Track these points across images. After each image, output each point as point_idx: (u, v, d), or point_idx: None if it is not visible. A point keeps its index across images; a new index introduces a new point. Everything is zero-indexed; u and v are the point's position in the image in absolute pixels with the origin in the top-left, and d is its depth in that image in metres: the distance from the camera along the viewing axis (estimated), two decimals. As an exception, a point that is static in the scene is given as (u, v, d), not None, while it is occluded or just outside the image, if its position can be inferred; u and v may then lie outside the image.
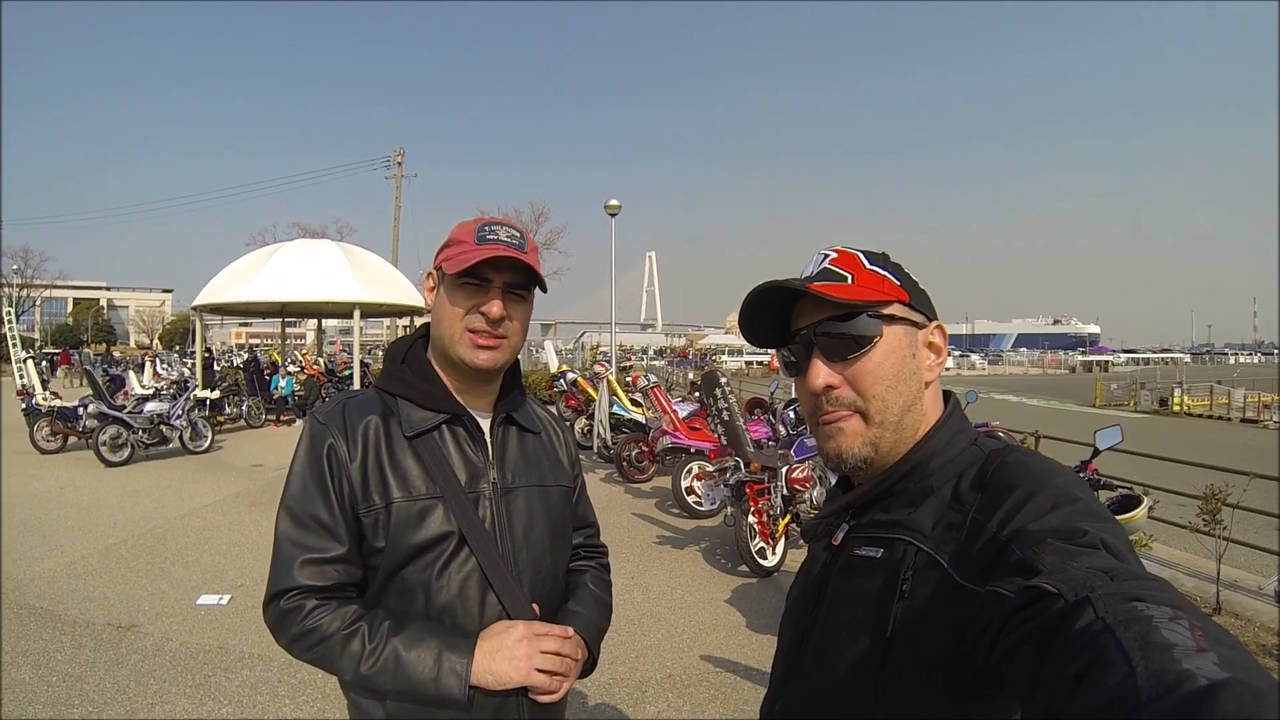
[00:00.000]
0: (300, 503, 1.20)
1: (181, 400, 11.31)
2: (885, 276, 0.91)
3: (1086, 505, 0.73)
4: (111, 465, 9.90)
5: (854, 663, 0.83)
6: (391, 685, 1.13)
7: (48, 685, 3.69)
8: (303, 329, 44.72)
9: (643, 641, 4.40)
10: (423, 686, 1.11)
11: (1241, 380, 26.57)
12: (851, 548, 0.91)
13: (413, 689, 1.12)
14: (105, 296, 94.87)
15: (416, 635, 1.15)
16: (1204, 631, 0.50)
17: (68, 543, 6.29)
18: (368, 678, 1.13)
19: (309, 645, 1.16)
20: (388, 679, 1.12)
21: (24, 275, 56.44)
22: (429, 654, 1.13)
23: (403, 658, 1.12)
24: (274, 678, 3.77)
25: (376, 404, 1.28)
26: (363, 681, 1.14)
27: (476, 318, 1.22)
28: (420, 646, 1.13)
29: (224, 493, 8.39)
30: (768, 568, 5.63)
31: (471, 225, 1.26)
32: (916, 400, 0.90)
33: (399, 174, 31.21)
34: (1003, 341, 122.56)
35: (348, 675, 1.15)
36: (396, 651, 1.13)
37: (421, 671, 1.11)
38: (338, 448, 1.21)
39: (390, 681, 1.12)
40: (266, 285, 14.54)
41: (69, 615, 4.62)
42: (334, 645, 1.14)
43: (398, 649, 1.13)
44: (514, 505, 1.29)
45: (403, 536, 1.19)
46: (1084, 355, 73.87)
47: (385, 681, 1.13)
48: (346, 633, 1.14)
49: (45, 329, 71.62)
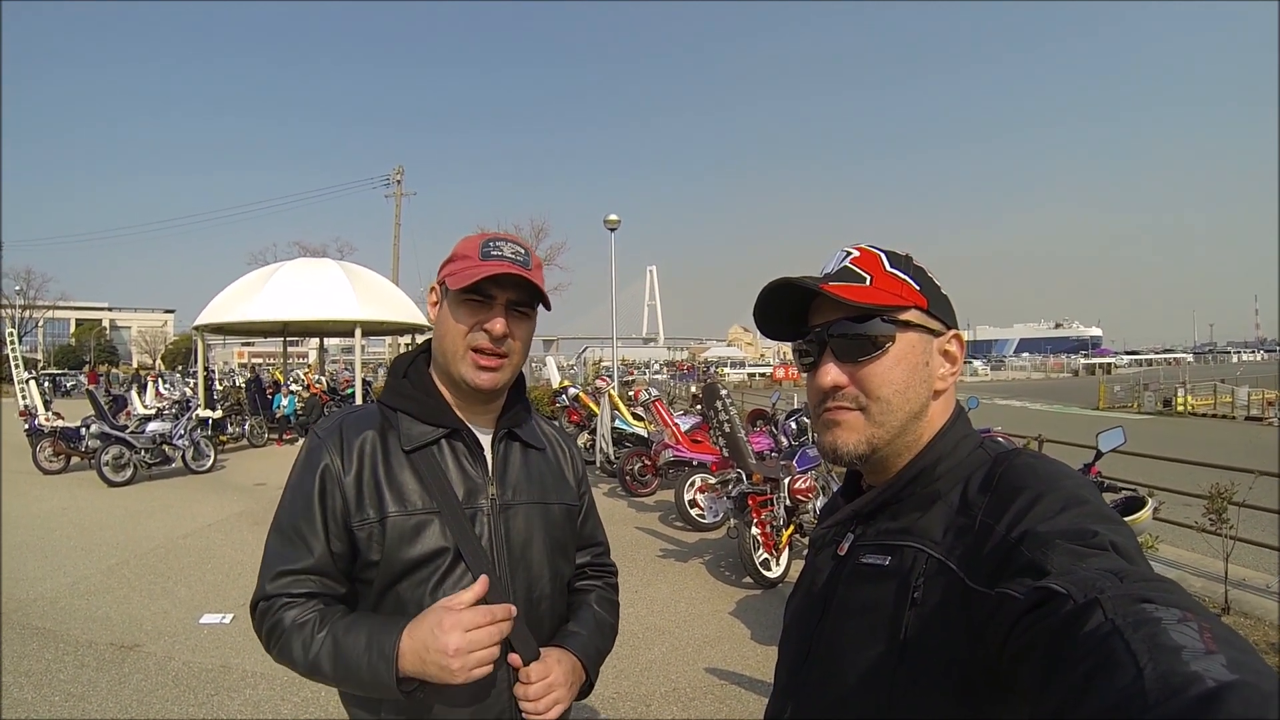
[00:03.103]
0: (287, 515, 1.22)
1: (184, 420, 11.31)
2: (904, 280, 0.90)
3: (1095, 507, 0.73)
4: (114, 485, 9.91)
5: (866, 670, 0.82)
6: (333, 672, 1.12)
7: (50, 705, 3.68)
8: (305, 348, 44.80)
9: (647, 655, 4.38)
10: (358, 671, 1.10)
11: (1245, 378, 26.55)
12: (858, 556, 0.90)
13: (350, 675, 1.11)
14: (108, 317, 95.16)
15: (353, 622, 1.15)
16: (1213, 633, 0.49)
17: (70, 563, 6.28)
18: (314, 665, 1.13)
19: (273, 641, 1.18)
20: (329, 665, 1.12)
21: (26, 296, 56.72)
22: (361, 638, 1.12)
23: (340, 642, 1.12)
24: (277, 697, 3.75)
25: (376, 418, 1.27)
26: (312, 670, 1.14)
27: (479, 335, 1.22)
28: (354, 632, 1.13)
29: (226, 512, 8.38)
30: (772, 579, 5.62)
31: (476, 240, 1.25)
32: (924, 408, 0.90)
33: (398, 192, 31.36)
34: (1005, 347, 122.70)
35: (300, 668, 1.15)
36: (335, 637, 1.13)
37: (355, 656, 1.10)
38: (332, 462, 1.21)
39: (331, 668, 1.12)
40: (268, 305, 14.58)
41: (71, 635, 4.60)
42: (290, 635, 1.15)
43: (336, 635, 1.13)
44: (512, 522, 1.28)
45: (398, 551, 1.18)
46: (1086, 358, 73.90)
47: (327, 668, 1.12)
48: (300, 623, 1.15)
49: (48, 350, 71.82)
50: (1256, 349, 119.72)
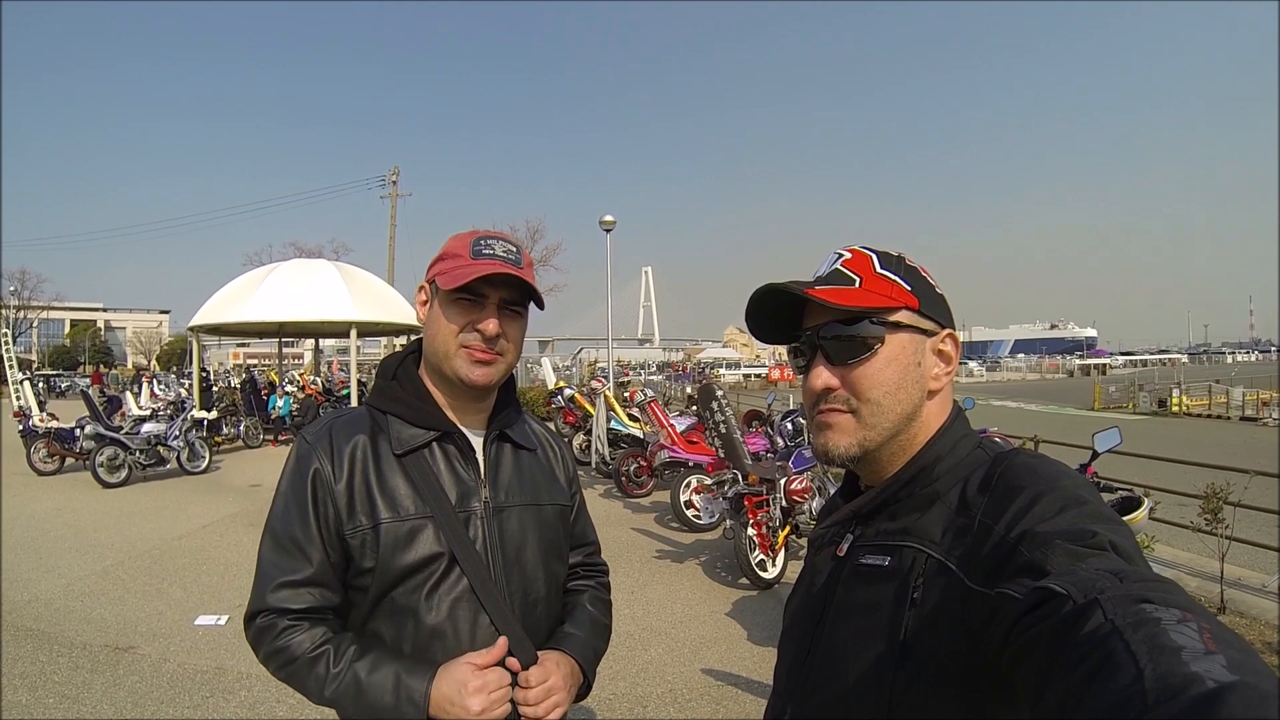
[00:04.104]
0: (282, 524, 1.19)
1: (179, 421, 11.28)
2: (895, 282, 0.90)
3: (1095, 507, 0.73)
4: (109, 486, 9.88)
5: (866, 671, 0.82)
6: (354, 711, 1.11)
7: (45, 707, 3.66)
8: (300, 349, 44.68)
9: (643, 656, 4.38)
10: (383, 713, 1.10)
11: (1240, 378, 26.62)
12: (857, 557, 0.90)
13: (374, 715, 1.10)
14: (102, 318, 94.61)
15: (377, 661, 1.13)
16: (1213, 634, 0.49)
17: (65, 564, 6.26)
18: (332, 701, 1.12)
19: (280, 665, 1.16)
20: (349, 703, 1.11)
21: (21, 297, 56.59)
22: (388, 680, 1.11)
23: (363, 683, 1.11)
24: (272, 698, 3.74)
25: (366, 422, 1.26)
26: (328, 705, 1.13)
27: (471, 334, 1.21)
28: (380, 671, 1.12)
29: (222, 513, 8.36)
30: (768, 580, 5.62)
31: (466, 238, 1.24)
32: (918, 408, 0.90)
33: (394, 193, 31.40)
34: (1000, 348, 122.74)
35: (314, 699, 1.14)
36: (357, 676, 1.11)
37: (381, 698, 1.10)
38: (322, 469, 1.19)
39: (352, 707, 1.11)
40: (263, 305, 14.53)
41: (66, 637, 4.59)
42: (301, 667, 1.13)
43: (359, 674, 1.11)
44: (506, 524, 1.27)
45: (392, 557, 1.17)
46: (1082, 359, 74.03)
47: (348, 706, 1.11)
48: (313, 655, 1.13)
49: (42, 350, 71.51)
50: (1251, 349, 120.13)
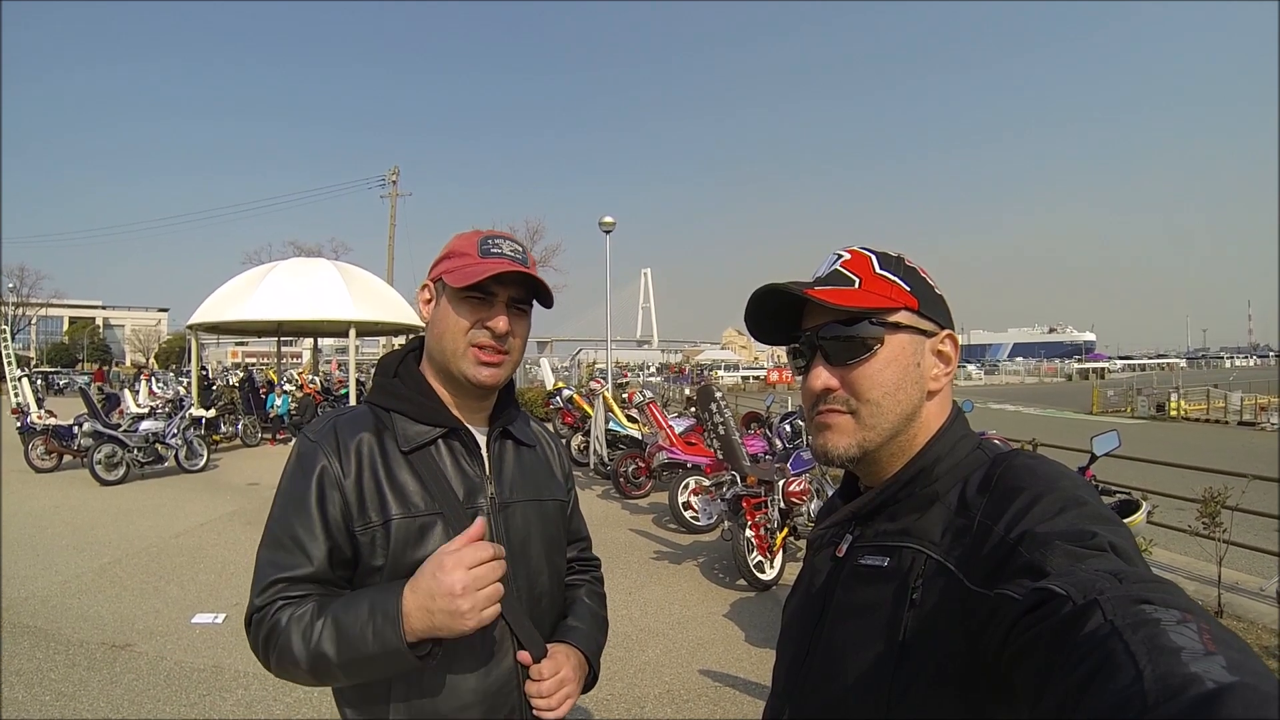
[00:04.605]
0: (283, 523, 1.17)
1: (177, 419, 11.29)
2: (894, 282, 0.91)
3: (1094, 509, 0.73)
4: (107, 484, 9.87)
5: (865, 672, 0.82)
6: (338, 655, 1.07)
7: (41, 705, 3.66)
8: (299, 348, 44.67)
9: (641, 657, 4.37)
10: (364, 644, 1.05)
11: (1238, 383, 26.71)
12: (856, 557, 0.90)
13: (358, 652, 1.06)
14: (101, 315, 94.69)
15: (351, 598, 1.11)
16: (1212, 635, 0.49)
17: (62, 561, 6.25)
18: (317, 655, 1.07)
19: (273, 644, 1.11)
20: (332, 648, 1.06)
21: (19, 294, 56.65)
22: (362, 609, 1.08)
23: (340, 620, 1.07)
24: (269, 697, 3.74)
25: (369, 420, 1.25)
26: (315, 661, 1.08)
27: (481, 332, 1.21)
28: (354, 606, 1.09)
29: (219, 511, 8.35)
30: (766, 581, 5.61)
31: (472, 237, 1.25)
32: (917, 409, 0.90)
33: (394, 192, 31.38)
34: (999, 351, 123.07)
35: (303, 662, 1.09)
36: (335, 617, 1.08)
37: (359, 628, 1.06)
38: (330, 466, 1.18)
39: (335, 650, 1.06)
40: (262, 304, 14.52)
41: (63, 634, 4.58)
42: (289, 631, 1.09)
43: (335, 615, 1.08)
44: (512, 520, 1.28)
45: (403, 554, 1.16)
46: (1080, 363, 74.15)
47: (331, 652, 1.07)
48: (298, 615, 1.10)
49: (41, 348, 71.44)
50: (1250, 354, 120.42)
